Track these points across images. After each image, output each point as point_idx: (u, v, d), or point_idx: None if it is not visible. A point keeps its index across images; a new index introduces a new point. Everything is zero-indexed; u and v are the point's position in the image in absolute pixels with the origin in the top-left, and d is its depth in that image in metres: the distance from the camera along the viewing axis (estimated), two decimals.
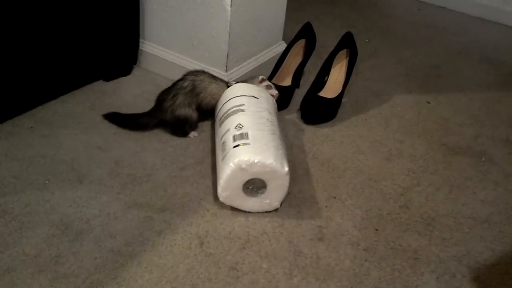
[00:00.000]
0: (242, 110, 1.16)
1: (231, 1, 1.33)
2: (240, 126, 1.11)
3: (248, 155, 1.04)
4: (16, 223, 1.02)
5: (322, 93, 1.46)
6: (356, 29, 1.64)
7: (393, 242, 1.07)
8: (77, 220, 1.05)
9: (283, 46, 1.60)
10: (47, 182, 1.13)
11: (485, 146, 1.40)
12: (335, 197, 1.17)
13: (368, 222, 1.12)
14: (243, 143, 1.07)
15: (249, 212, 1.10)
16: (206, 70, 1.33)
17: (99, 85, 1.47)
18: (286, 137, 1.34)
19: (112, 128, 1.30)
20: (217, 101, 1.28)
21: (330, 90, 1.47)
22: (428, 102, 1.56)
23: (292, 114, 1.44)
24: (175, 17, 1.45)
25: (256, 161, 1.04)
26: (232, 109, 1.18)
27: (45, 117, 1.32)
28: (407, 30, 2.05)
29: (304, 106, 1.41)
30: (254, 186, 1.08)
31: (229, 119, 1.16)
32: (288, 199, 1.14)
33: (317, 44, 1.61)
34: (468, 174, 1.29)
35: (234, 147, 1.07)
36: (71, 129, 1.29)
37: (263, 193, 1.08)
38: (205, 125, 1.36)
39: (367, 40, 1.87)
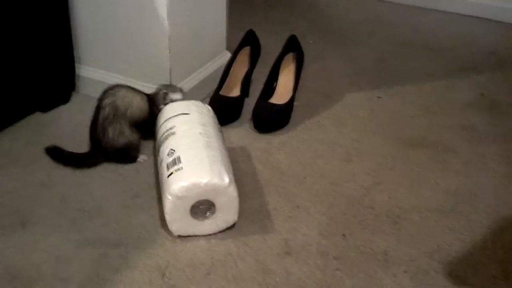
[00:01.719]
0: (173, 133, 1.10)
1: (168, 14, 1.27)
2: (172, 151, 1.05)
3: (181, 181, 0.98)
4: None
5: (273, 100, 1.42)
6: (299, 32, 1.62)
7: (362, 246, 1.04)
8: (25, 268, 0.96)
9: (227, 55, 1.55)
10: None
11: (440, 135, 1.39)
12: (298, 206, 1.13)
13: (335, 228, 1.08)
14: (175, 169, 1.01)
15: (208, 236, 1.04)
16: (122, 83, 1.25)
17: (37, 117, 1.38)
18: (241, 148, 1.30)
19: (54, 163, 1.22)
20: (146, 115, 1.22)
21: (281, 96, 1.44)
22: (379, 97, 1.55)
23: (245, 124, 1.40)
24: (111, 37, 1.38)
25: (190, 184, 0.98)
26: (164, 135, 1.11)
27: None
28: (349, 27, 2.04)
29: (256, 114, 1.37)
30: (203, 207, 1.02)
31: (162, 147, 1.10)
32: (250, 214, 1.09)
33: (262, 50, 1.57)
34: (427, 165, 1.27)
35: (168, 176, 1.01)
36: (9, 168, 1.20)
37: (214, 212, 1.02)
38: (152, 147, 1.29)
39: (311, 41, 1.85)
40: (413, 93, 1.59)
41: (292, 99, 1.41)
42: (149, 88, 1.35)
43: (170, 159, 1.04)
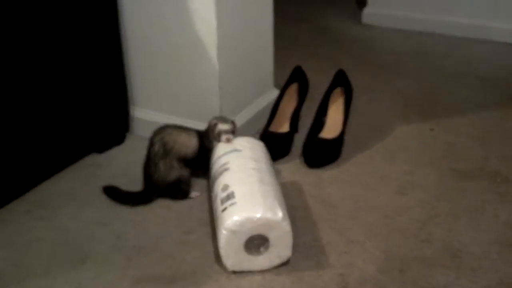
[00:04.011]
0: (227, 169, 1.11)
1: (217, 54, 1.31)
2: (226, 186, 1.06)
3: (235, 215, 0.99)
4: None
5: (323, 135, 1.42)
6: (346, 67, 1.62)
7: (421, 281, 1.01)
8: None
9: (275, 92, 1.57)
10: (48, 267, 1.06)
11: (498, 166, 1.35)
12: (352, 241, 1.11)
13: (391, 263, 1.05)
14: (229, 204, 1.02)
15: (263, 272, 1.04)
16: (171, 123, 1.28)
17: (93, 158, 1.42)
18: (292, 183, 1.30)
19: (110, 201, 1.25)
20: (193, 151, 1.24)
21: (330, 130, 1.44)
22: (432, 129, 1.52)
23: (295, 160, 1.40)
24: (163, 78, 1.43)
25: (244, 218, 0.98)
26: (218, 171, 1.13)
27: (40, 199, 1.27)
28: (395, 60, 2.03)
29: (307, 150, 1.37)
30: (257, 242, 1.02)
31: (216, 182, 1.11)
32: (304, 250, 1.08)
33: (309, 86, 1.59)
34: (485, 197, 1.23)
35: (222, 211, 1.02)
36: (69, 207, 1.24)
37: (267, 247, 1.02)
38: (205, 184, 1.31)
39: None
40: (466, 124, 1.55)
41: (342, 133, 1.41)
42: (202, 126, 1.38)
43: (224, 194, 1.05)
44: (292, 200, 1.24)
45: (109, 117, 1.44)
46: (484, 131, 1.51)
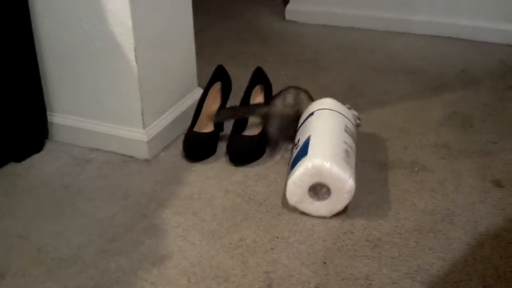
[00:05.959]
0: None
1: (136, 56, 1.29)
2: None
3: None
4: None
5: (246, 132, 1.42)
6: (271, 63, 1.64)
7: (343, 272, 1.03)
8: None
9: (199, 92, 1.56)
10: None
11: (416, 155, 1.40)
12: (277, 237, 1.12)
13: (315, 256, 1.07)
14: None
15: (188, 276, 1.03)
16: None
17: (11, 167, 1.37)
18: (218, 182, 1.30)
19: (31, 213, 1.21)
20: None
21: (253, 127, 1.44)
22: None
23: (221, 159, 1.40)
24: (82, 83, 1.39)
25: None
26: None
27: None
28: (320, 55, 2.07)
29: (231, 148, 1.37)
30: (321, 190, 1.16)
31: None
32: (230, 249, 1.08)
33: (234, 84, 1.59)
34: (404, 186, 1.28)
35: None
36: None
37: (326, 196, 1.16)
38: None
39: (282, 72, 1.87)
40: (387, 115, 1.60)
41: (264, 130, 1.42)
42: (126, 131, 1.36)
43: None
44: (218, 199, 1.24)
45: (26, 124, 1.38)
46: (404, 121, 1.56)
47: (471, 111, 1.61)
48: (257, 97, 1.54)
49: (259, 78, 1.55)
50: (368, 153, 1.41)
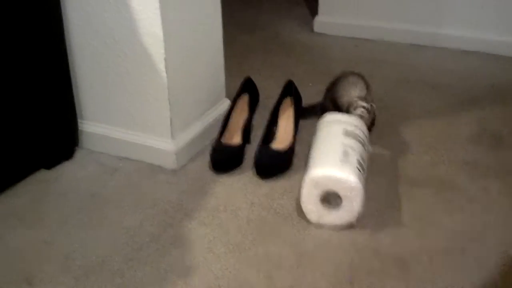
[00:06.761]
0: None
1: (166, 67, 1.30)
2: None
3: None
4: None
5: (274, 145, 1.42)
6: (298, 75, 1.64)
7: None
8: None
9: (227, 103, 1.57)
10: None
11: (443, 172, 1.38)
12: (303, 253, 1.12)
13: (342, 275, 1.06)
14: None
15: None
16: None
17: (41, 174, 1.39)
18: (244, 195, 1.30)
19: (59, 220, 1.22)
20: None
21: (281, 140, 1.44)
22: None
23: (248, 172, 1.40)
24: (112, 92, 1.41)
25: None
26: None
27: None
28: (346, 67, 2.05)
29: (258, 161, 1.37)
30: (333, 199, 1.17)
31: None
32: (255, 263, 1.08)
33: (261, 96, 1.59)
34: (432, 204, 1.26)
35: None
36: (15, 226, 1.21)
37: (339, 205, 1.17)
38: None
39: (310, 84, 1.87)
40: (415, 130, 1.59)
41: (293, 144, 1.42)
42: (154, 141, 1.37)
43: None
44: (244, 211, 1.24)
45: (57, 132, 1.40)
46: (431, 136, 1.55)
47: (500, 127, 1.59)
48: (287, 110, 1.54)
49: (290, 90, 1.55)
50: (394, 169, 1.40)
